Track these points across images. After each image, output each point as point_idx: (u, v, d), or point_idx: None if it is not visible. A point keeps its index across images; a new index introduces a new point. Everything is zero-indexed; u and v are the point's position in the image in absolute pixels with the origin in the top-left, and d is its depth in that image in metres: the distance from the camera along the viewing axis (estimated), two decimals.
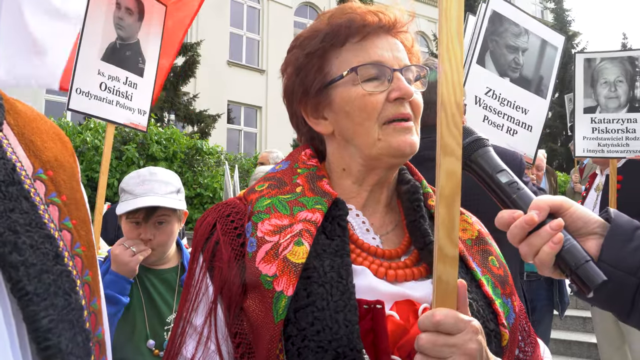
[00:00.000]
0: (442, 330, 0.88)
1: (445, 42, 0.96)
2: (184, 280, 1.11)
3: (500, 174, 1.01)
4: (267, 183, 1.14)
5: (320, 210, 1.06)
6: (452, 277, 0.92)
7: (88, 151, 8.63)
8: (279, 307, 0.95)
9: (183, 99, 15.07)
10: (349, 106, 1.09)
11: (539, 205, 0.94)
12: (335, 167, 1.16)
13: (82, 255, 0.82)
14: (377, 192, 1.15)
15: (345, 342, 0.92)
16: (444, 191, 0.93)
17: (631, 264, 0.89)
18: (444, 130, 0.94)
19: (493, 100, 3.35)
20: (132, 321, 2.12)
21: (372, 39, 1.11)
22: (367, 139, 1.08)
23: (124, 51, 3.46)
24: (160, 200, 2.15)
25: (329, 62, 1.12)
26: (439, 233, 0.92)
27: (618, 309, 0.93)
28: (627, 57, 4.18)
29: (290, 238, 1.02)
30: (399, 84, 1.08)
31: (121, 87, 3.44)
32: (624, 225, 0.93)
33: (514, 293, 1.16)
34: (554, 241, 0.91)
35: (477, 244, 1.17)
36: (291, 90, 1.17)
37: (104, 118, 3.37)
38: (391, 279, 1.05)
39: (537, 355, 1.17)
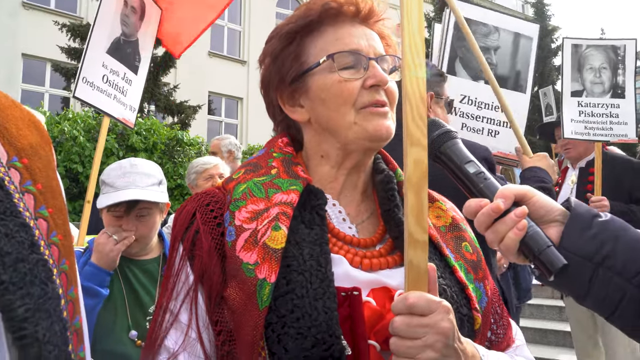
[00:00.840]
0: (415, 312, 0.91)
1: (407, 37, 0.99)
2: (164, 270, 1.12)
3: (468, 165, 1.05)
4: (244, 169, 1.15)
5: (296, 190, 1.07)
6: (423, 261, 0.95)
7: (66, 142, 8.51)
8: (263, 294, 0.97)
9: (163, 89, 14.91)
10: (325, 93, 1.11)
11: (505, 194, 0.99)
12: (313, 154, 1.18)
13: (59, 244, 0.82)
14: (353, 177, 1.17)
15: (325, 328, 0.94)
16: (412, 179, 0.96)
17: (588, 250, 0.95)
18: (410, 122, 0.97)
19: (469, 106, 3.36)
20: (114, 312, 2.11)
21: (348, 28, 1.14)
22: (343, 123, 1.10)
23: (126, 47, 3.53)
24: (142, 193, 2.14)
25: (306, 50, 1.14)
26: (408, 219, 0.95)
27: (575, 292, 0.98)
28: (610, 46, 4.31)
29: (267, 223, 1.03)
30: (374, 72, 1.10)
31: (119, 82, 3.49)
32: (583, 214, 0.98)
33: (487, 277, 1.19)
34: (518, 228, 0.96)
35: (451, 231, 1.20)
36: (268, 79, 1.19)
37: (104, 110, 3.40)
38: (366, 267, 1.08)
39: (508, 337, 1.20)
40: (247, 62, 21.09)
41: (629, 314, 0.94)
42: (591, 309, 1.00)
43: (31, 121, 0.89)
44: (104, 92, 3.35)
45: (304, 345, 0.94)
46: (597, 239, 0.95)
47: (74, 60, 13.62)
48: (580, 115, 4.22)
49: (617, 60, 4.29)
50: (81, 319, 0.86)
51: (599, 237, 0.95)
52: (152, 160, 9.01)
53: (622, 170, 4.01)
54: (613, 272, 0.93)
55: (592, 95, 4.26)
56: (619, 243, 0.95)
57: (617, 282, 0.93)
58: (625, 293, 0.93)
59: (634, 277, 0.93)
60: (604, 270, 0.94)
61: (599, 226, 0.96)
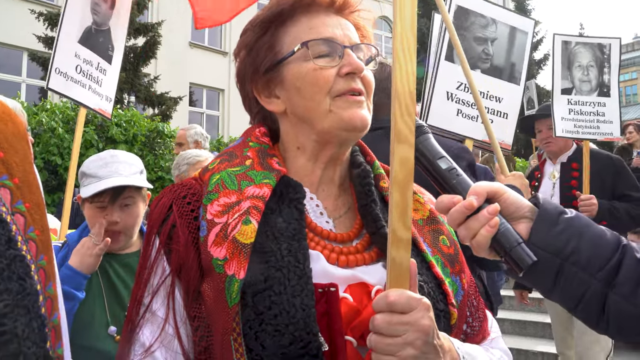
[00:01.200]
0: (395, 309, 0.92)
1: (399, 33, 0.99)
2: (138, 263, 1.10)
3: (440, 160, 1.06)
4: (220, 158, 1.14)
5: (268, 184, 1.06)
6: (405, 259, 0.96)
7: (44, 133, 8.36)
8: (232, 291, 0.96)
9: (143, 80, 14.73)
10: (300, 82, 1.10)
11: (478, 191, 1.01)
12: (289, 146, 1.17)
13: (37, 239, 0.80)
14: (330, 170, 1.16)
15: (302, 325, 0.94)
16: (398, 177, 0.96)
17: (555, 246, 0.98)
18: (398, 119, 0.97)
19: (465, 93, 3.39)
20: (92, 307, 2.07)
21: (322, 18, 1.13)
22: (318, 111, 1.09)
23: (98, 37, 3.47)
24: (127, 180, 2.12)
25: (280, 40, 1.13)
26: (392, 217, 0.96)
27: (542, 286, 1.02)
28: (597, 44, 4.36)
29: (238, 217, 1.01)
30: (349, 59, 1.09)
31: (93, 72, 3.44)
32: (551, 211, 1.02)
33: (463, 270, 1.19)
34: (490, 225, 0.98)
35: (429, 224, 1.20)
36: (243, 71, 1.18)
37: (78, 101, 3.35)
38: (343, 264, 1.07)
39: (484, 329, 1.21)
40: (228, 53, 20.91)
41: (592, 307, 0.99)
42: (557, 302, 1.04)
43: (6, 114, 0.87)
44: (78, 82, 3.29)
45: (281, 342, 0.94)
46: (564, 235, 0.99)
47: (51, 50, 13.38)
48: (570, 114, 4.25)
49: (603, 59, 4.32)
50: (59, 315, 0.85)
51: (565, 233, 0.99)
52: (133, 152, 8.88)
53: (604, 167, 4.03)
54: (578, 267, 0.98)
55: (581, 93, 4.30)
56: (583, 239, 0.99)
57: (582, 277, 0.98)
58: (588, 287, 0.98)
59: (597, 272, 0.97)
60: (569, 265, 0.98)
61: (565, 223, 1.00)
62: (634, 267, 0.98)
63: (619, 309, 0.97)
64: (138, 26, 14.41)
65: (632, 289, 0.96)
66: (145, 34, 14.47)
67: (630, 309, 0.96)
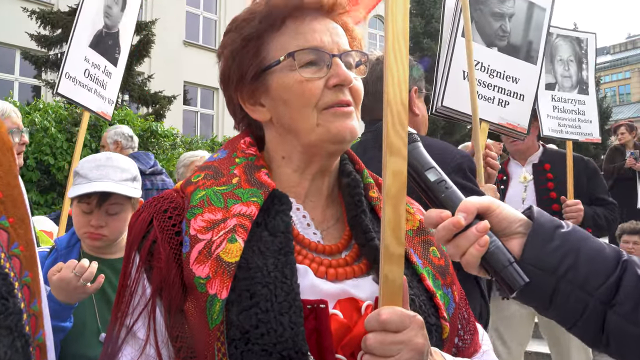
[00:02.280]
0: (388, 328, 0.89)
1: (391, 40, 0.96)
2: (119, 281, 1.05)
3: (428, 172, 1.01)
4: (204, 173, 1.09)
5: (256, 202, 1.02)
6: (398, 276, 0.93)
7: (37, 132, 8.30)
8: (213, 311, 0.92)
9: (137, 79, 14.64)
10: (286, 93, 1.06)
11: (467, 207, 0.96)
12: (274, 155, 1.13)
13: (20, 255, 0.78)
14: (318, 182, 1.13)
15: (291, 344, 0.91)
16: (390, 191, 0.94)
17: (550, 264, 0.93)
18: (390, 130, 0.94)
19: (482, 73, 3.17)
20: (82, 314, 2.04)
21: (310, 22, 1.08)
22: (305, 125, 1.05)
23: (107, 40, 3.45)
24: (114, 186, 2.08)
25: (266, 46, 1.09)
26: (385, 232, 0.93)
27: (537, 305, 0.98)
28: (575, 38, 4.19)
29: (223, 235, 0.97)
30: (338, 70, 1.05)
31: (100, 75, 3.43)
32: (545, 225, 0.97)
33: (454, 282, 1.17)
34: (479, 244, 0.94)
35: (419, 235, 1.17)
36: (227, 75, 1.14)
37: (84, 105, 3.32)
38: (332, 278, 1.04)
39: (475, 342, 1.19)
40: None
41: (590, 326, 0.94)
42: (553, 319, 0.99)
43: None
44: (85, 86, 3.28)
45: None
46: (559, 251, 0.94)
47: (44, 48, 13.28)
48: (554, 111, 4.06)
49: (581, 54, 4.15)
50: (44, 333, 0.83)
51: (561, 249, 0.94)
52: None
53: (579, 170, 3.83)
54: (575, 285, 0.93)
55: (563, 89, 4.10)
56: (581, 255, 0.94)
57: (579, 296, 0.93)
58: (586, 306, 0.93)
59: (595, 290, 0.93)
60: (566, 283, 0.93)
61: (560, 238, 0.95)
62: (634, 284, 0.93)
63: (619, 328, 0.92)
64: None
65: (633, 308, 0.91)
66: (139, 33, 14.38)
67: (631, 329, 0.91)
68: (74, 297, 1.89)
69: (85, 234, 2.12)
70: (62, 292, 1.87)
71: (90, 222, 2.09)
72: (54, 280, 1.88)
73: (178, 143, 10.54)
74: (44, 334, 0.82)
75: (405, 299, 0.95)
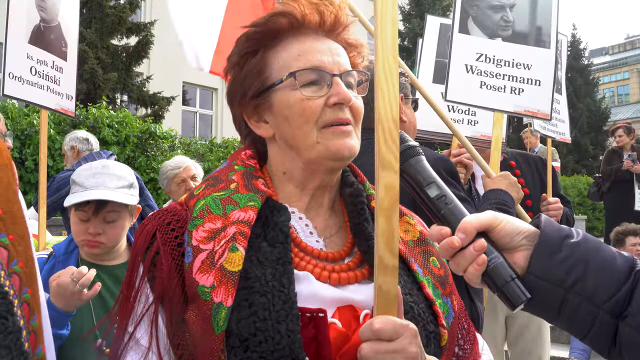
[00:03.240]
0: (382, 337, 0.91)
1: (381, 59, 0.98)
2: (122, 290, 1.09)
3: (429, 187, 1.01)
4: (205, 184, 1.13)
5: (253, 207, 1.05)
6: (393, 286, 0.95)
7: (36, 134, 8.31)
8: (219, 318, 0.95)
9: (136, 80, 14.65)
10: (288, 110, 1.10)
11: (466, 228, 0.96)
12: (275, 171, 1.17)
13: (20, 272, 0.80)
14: (319, 197, 1.16)
15: (288, 352, 0.94)
16: (383, 204, 0.96)
17: (557, 276, 0.92)
18: (382, 146, 0.97)
19: (487, 64, 3.14)
20: (80, 320, 2.05)
21: (311, 43, 1.12)
22: (305, 142, 1.09)
23: (48, 34, 3.31)
24: (111, 194, 2.09)
25: (269, 65, 1.13)
26: (378, 244, 0.95)
27: (545, 316, 0.97)
28: None
29: (224, 244, 1.01)
30: (337, 89, 1.08)
31: (49, 71, 3.30)
32: (552, 235, 0.95)
33: (454, 292, 1.19)
34: (477, 263, 0.94)
35: (419, 245, 1.19)
36: (232, 92, 1.18)
37: (38, 104, 3.22)
38: (334, 282, 1.06)
39: (475, 352, 1.21)
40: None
41: (601, 338, 0.93)
42: (564, 330, 0.98)
43: None
44: (35, 84, 3.17)
45: None
46: (567, 263, 0.92)
47: None
48: None
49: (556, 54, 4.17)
50: (44, 348, 0.84)
51: (569, 261, 0.92)
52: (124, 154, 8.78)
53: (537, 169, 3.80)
54: (583, 297, 0.91)
55: None
56: (590, 266, 0.92)
57: (587, 308, 0.91)
58: (595, 318, 0.91)
59: (604, 303, 0.91)
60: (574, 295, 0.91)
61: (568, 249, 0.93)
62: None
63: (631, 340, 0.89)
64: (130, 25, 14.33)
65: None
66: (137, 34, 14.39)
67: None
68: (71, 304, 1.91)
69: (82, 241, 2.13)
70: (60, 298, 1.89)
71: (87, 229, 2.11)
72: (53, 286, 1.90)
73: (177, 145, 10.53)
74: (44, 349, 0.84)
75: (400, 308, 0.97)
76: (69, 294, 1.88)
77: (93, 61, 12.67)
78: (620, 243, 5.59)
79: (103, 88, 12.67)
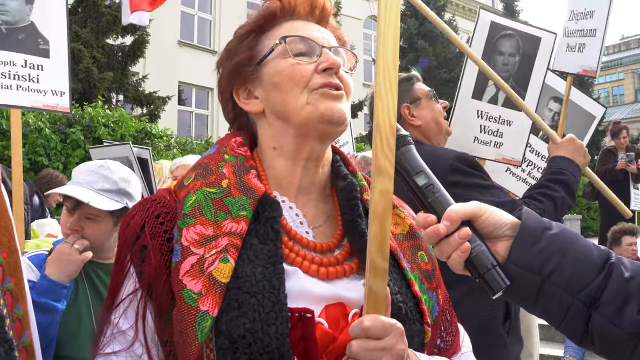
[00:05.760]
0: (371, 335, 0.93)
1: (382, 66, 1.01)
2: (109, 284, 1.08)
3: (417, 176, 1.04)
4: (194, 173, 1.11)
5: (245, 218, 1.04)
6: (382, 288, 0.98)
7: (30, 134, 8.29)
8: (204, 326, 0.94)
9: (132, 79, 14.63)
10: (278, 77, 1.11)
11: (451, 216, 0.99)
12: (265, 148, 1.17)
13: (3, 262, 0.80)
14: (311, 171, 1.16)
15: (277, 355, 0.94)
16: (377, 208, 0.98)
17: (535, 265, 0.97)
18: (379, 153, 0.99)
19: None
20: (79, 317, 2.05)
21: (302, 24, 1.17)
22: (295, 104, 1.09)
23: (14, 35, 3.30)
24: (88, 195, 2.04)
25: (260, 42, 1.17)
26: (371, 247, 0.97)
27: (523, 304, 1.01)
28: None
29: (215, 254, 1.00)
30: (327, 57, 1.11)
31: (20, 70, 3.27)
32: (533, 227, 1.00)
33: (440, 286, 1.20)
34: (461, 250, 0.98)
35: (408, 239, 1.20)
36: (224, 75, 1.20)
37: (9, 104, 3.19)
38: (323, 276, 1.06)
39: (456, 344, 1.22)
40: (217, 51, 20.80)
41: (575, 327, 0.97)
42: (540, 317, 1.02)
43: None
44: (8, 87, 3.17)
45: None
46: (544, 253, 0.97)
47: None
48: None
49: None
50: (31, 334, 0.84)
51: (547, 251, 0.97)
52: None
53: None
54: (558, 286, 0.96)
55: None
56: (566, 257, 0.97)
57: (562, 296, 0.96)
58: (570, 306, 0.96)
59: (579, 292, 0.95)
60: (550, 284, 0.96)
61: (547, 240, 0.98)
62: (619, 287, 0.95)
63: (603, 329, 0.94)
64: (126, 25, 14.30)
65: (616, 310, 0.93)
66: (133, 33, 14.37)
67: (614, 331, 0.93)
68: (65, 270, 1.97)
69: (65, 233, 2.14)
70: (57, 265, 1.97)
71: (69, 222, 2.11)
72: (51, 255, 2.01)
73: (172, 144, 10.53)
74: (30, 335, 0.84)
75: (388, 308, 0.98)
76: (65, 256, 1.97)
77: (88, 60, 12.65)
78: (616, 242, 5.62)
79: (99, 87, 12.65)
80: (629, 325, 0.92)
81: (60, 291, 1.96)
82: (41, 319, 1.79)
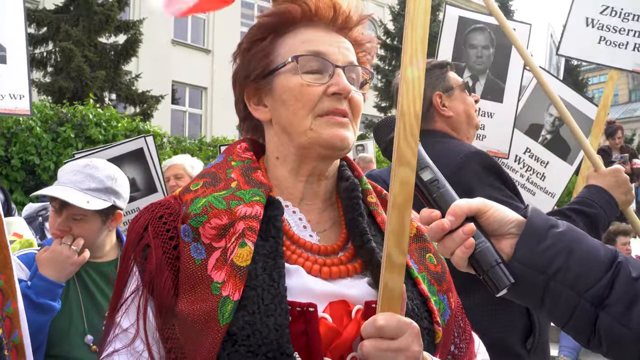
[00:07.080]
0: (385, 335, 0.90)
1: (409, 51, 0.97)
2: (115, 282, 1.09)
3: (423, 171, 1.02)
4: (202, 181, 1.12)
5: (259, 201, 1.05)
6: (398, 284, 0.94)
7: (22, 132, 8.23)
8: (225, 310, 0.95)
9: (125, 78, 14.56)
10: (286, 94, 1.09)
11: (456, 211, 0.98)
12: (270, 156, 1.17)
13: None
14: (313, 184, 1.15)
15: (276, 346, 0.92)
16: (397, 200, 0.95)
17: (540, 263, 0.94)
18: (402, 141, 0.96)
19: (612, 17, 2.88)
20: (69, 316, 2.03)
21: (321, 33, 1.13)
22: (298, 128, 1.08)
23: None
24: (73, 195, 2.01)
25: (275, 49, 1.13)
26: (388, 241, 0.94)
27: (529, 303, 1.00)
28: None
29: (235, 241, 1.01)
30: (338, 80, 1.08)
31: None
32: (539, 224, 0.97)
33: (451, 290, 1.18)
34: (465, 246, 0.96)
35: (415, 241, 1.18)
36: (237, 73, 1.18)
37: None
38: (325, 276, 1.05)
39: (471, 351, 1.20)
40: (211, 51, 20.79)
41: (582, 327, 0.95)
42: (547, 318, 1.01)
43: None
44: None
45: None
46: (550, 251, 0.95)
47: (30, 47, 13.17)
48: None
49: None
50: (21, 332, 0.82)
51: (552, 249, 0.95)
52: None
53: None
54: (565, 285, 0.94)
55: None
56: (573, 256, 0.95)
57: (569, 296, 0.94)
58: (577, 306, 0.94)
59: (585, 292, 0.93)
60: (556, 283, 0.94)
61: (553, 238, 0.95)
62: (626, 287, 0.93)
63: (610, 330, 0.92)
64: (119, 24, 14.24)
65: (624, 310, 0.92)
66: (126, 32, 14.30)
67: (622, 331, 0.91)
68: (63, 271, 1.95)
69: (53, 234, 2.12)
70: (53, 265, 1.94)
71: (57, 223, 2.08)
72: (45, 255, 1.96)
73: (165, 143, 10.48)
74: (20, 333, 0.81)
75: (403, 306, 0.96)
76: (64, 257, 1.95)
77: (80, 59, 12.57)
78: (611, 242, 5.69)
79: (91, 86, 12.59)
80: (637, 326, 0.91)
81: (57, 291, 1.97)
82: (40, 319, 1.81)
